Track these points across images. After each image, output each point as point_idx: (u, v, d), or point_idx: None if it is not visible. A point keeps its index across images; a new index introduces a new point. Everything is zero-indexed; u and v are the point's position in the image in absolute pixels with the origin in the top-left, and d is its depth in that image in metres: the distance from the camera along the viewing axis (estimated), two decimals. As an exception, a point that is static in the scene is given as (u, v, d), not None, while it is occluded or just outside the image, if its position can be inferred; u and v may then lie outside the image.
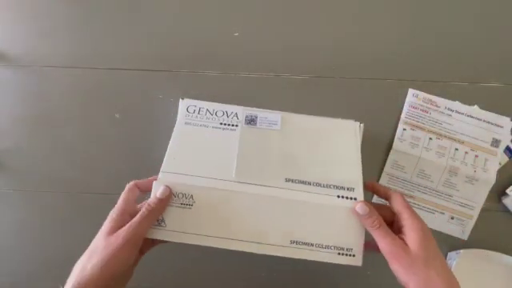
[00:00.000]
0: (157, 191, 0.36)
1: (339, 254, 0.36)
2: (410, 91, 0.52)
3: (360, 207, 0.36)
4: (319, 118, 0.43)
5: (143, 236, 0.35)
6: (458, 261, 0.49)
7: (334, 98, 0.52)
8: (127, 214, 0.36)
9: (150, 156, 0.52)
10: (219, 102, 0.44)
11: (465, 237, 0.51)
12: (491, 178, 0.50)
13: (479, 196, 0.51)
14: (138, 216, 0.35)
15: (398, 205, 0.36)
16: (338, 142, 0.42)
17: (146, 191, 0.38)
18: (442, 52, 0.52)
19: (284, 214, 0.37)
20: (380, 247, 0.35)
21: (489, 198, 0.51)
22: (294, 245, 0.36)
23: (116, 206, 0.36)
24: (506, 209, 0.51)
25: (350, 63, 0.52)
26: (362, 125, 0.43)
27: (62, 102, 0.53)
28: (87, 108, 0.53)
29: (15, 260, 0.53)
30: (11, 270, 0.53)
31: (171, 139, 0.41)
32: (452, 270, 0.48)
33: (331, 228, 0.37)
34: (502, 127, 0.51)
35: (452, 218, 0.51)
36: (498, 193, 0.51)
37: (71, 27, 0.54)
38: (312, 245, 0.37)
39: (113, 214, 0.36)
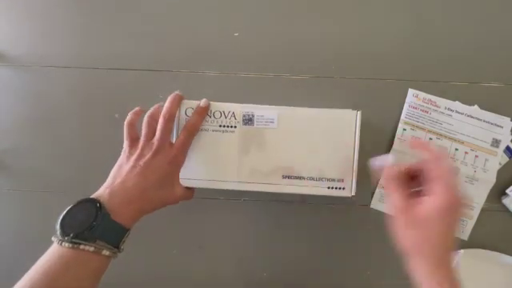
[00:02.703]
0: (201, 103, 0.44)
1: None
2: (410, 91, 0.52)
3: None
4: (316, 109, 0.44)
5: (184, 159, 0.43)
6: (457, 261, 0.49)
7: (334, 98, 0.52)
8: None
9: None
10: (219, 102, 0.44)
11: (465, 237, 0.51)
12: (491, 178, 0.50)
13: (479, 196, 0.51)
14: (180, 136, 0.42)
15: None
16: (334, 133, 0.43)
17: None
18: (442, 52, 0.52)
19: None
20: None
21: (489, 198, 0.51)
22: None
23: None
24: (506, 209, 0.51)
25: (350, 63, 0.52)
26: (359, 112, 0.43)
27: (61, 102, 0.53)
28: (87, 108, 0.53)
29: (15, 260, 0.53)
30: (11, 270, 0.53)
31: None
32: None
33: None
34: (501, 127, 0.51)
35: (452, 218, 0.51)
36: (498, 193, 0.51)
37: (71, 27, 0.54)
38: None
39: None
